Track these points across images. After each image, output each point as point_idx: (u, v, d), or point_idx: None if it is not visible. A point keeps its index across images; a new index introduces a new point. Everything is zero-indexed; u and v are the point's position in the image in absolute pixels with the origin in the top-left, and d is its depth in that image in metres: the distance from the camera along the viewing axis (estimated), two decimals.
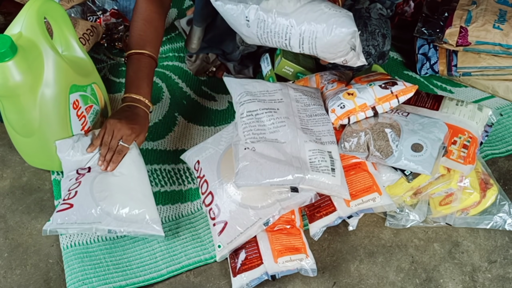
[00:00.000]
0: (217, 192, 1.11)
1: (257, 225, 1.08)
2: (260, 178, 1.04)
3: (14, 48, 1.05)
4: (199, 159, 1.20)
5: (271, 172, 1.05)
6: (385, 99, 1.14)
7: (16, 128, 1.21)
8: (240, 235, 1.08)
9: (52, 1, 1.16)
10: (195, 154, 1.22)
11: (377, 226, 1.21)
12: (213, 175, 1.14)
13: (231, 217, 1.09)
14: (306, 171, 1.05)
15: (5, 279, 1.13)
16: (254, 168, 1.05)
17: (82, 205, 1.09)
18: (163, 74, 1.61)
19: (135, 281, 1.11)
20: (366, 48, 1.35)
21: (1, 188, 1.30)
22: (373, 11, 1.40)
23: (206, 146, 1.21)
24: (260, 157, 1.07)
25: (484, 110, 1.19)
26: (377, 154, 1.09)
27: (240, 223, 1.08)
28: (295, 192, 1.07)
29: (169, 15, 1.80)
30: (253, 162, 1.06)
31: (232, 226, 1.08)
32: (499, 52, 1.45)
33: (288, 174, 1.05)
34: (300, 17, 1.11)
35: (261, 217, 1.08)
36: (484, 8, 1.50)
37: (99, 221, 1.09)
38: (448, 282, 1.12)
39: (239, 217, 1.08)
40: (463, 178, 1.14)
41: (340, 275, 1.13)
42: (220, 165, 1.15)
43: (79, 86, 1.20)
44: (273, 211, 1.08)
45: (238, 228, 1.08)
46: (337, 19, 1.09)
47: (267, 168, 1.05)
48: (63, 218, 1.08)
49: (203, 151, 1.21)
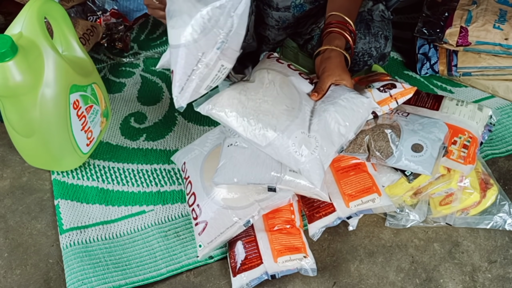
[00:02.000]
0: (199, 193, 1.13)
1: (237, 225, 1.09)
2: (237, 176, 1.05)
3: (15, 48, 1.05)
4: (185, 161, 1.21)
5: (248, 171, 1.05)
6: (384, 102, 1.13)
7: (16, 128, 1.21)
8: (220, 235, 1.09)
9: (52, 1, 1.16)
10: (183, 156, 1.23)
11: (377, 226, 1.21)
12: (196, 175, 1.15)
13: (211, 217, 1.10)
14: (284, 172, 1.06)
15: (5, 279, 1.13)
16: (232, 167, 1.06)
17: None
18: (163, 74, 1.61)
19: (135, 280, 1.11)
20: (368, 50, 1.35)
21: (1, 188, 1.30)
22: (375, 13, 1.40)
23: (192, 147, 1.22)
24: (240, 154, 1.07)
25: (484, 110, 1.19)
26: (378, 155, 1.09)
27: (220, 223, 1.09)
28: (272, 191, 1.08)
29: None
30: (232, 160, 1.07)
31: (213, 226, 1.09)
32: (499, 52, 1.45)
33: (265, 174, 1.06)
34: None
35: (241, 217, 1.09)
36: (484, 8, 1.50)
37: None
38: (448, 282, 1.12)
39: (219, 218, 1.09)
40: (463, 178, 1.14)
41: (340, 275, 1.13)
42: (204, 166, 1.16)
43: (79, 86, 1.20)
44: (252, 212, 1.09)
45: (218, 229, 1.09)
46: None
47: (245, 167, 1.06)
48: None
49: (189, 152, 1.22)
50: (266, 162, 1.06)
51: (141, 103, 1.52)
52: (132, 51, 1.68)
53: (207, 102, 1.09)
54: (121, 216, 1.24)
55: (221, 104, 1.08)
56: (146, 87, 1.57)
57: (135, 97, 1.54)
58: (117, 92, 1.55)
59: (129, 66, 1.64)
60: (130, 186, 1.30)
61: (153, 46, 1.71)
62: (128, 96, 1.54)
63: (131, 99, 1.53)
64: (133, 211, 1.25)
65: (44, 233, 1.21)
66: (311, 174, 1.03)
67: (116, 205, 1.26)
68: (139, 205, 1.26)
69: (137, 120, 1.47)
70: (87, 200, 1.26)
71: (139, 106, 1.51)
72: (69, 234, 1.18)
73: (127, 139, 1.42)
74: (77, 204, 1.25)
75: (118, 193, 1.28)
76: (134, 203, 1.26)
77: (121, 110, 1.50)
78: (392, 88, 1.14)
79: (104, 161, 1.36)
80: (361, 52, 1.35)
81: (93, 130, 1.29)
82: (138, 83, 1.58)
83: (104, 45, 1.65)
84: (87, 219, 1.22)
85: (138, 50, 1.69)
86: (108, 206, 1.26)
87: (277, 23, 1.38)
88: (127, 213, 1.24)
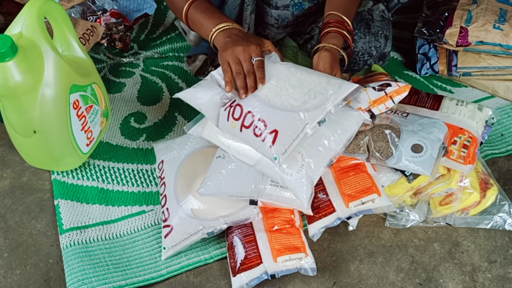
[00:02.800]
0: (170, 197, 1.14)
1: (201, 233, 1.12)
2: (220, 189, 1.08)
3: (15, 48, 1.05)
4: (164, 159, 1.22)
5: (230, 184, 1.08)
6: (379, 101, 1.13)
7: (16, 128, 1.21)
8: (184, 240, 1.12)
9: (52, 1, 1.16)
10: (162, 152, 1.24)
11: (377, 226, 1.21)
12: (170, 179, 1.16)
13: (177, 223, 1.11)
14: (265, 185, 1.08)
15: (5, 279, 1.13)
16: (216, 179, 1.08)
17: None
18: (163, 74, 1.61)
19: (135, 281, 1.11)
20: (368, 49, 1.35)
21: (1, 188, 1.30)
22: (375, 13, 1.40)
23: (172, 146, 1.23)
24: (225, 167, 1.09)
25: (484, 110, 1.19)
26: (378, 156, 1.09)
27: (185, 230, 1.11)
28: (254, 204, 1.10)
29: (169, 15, 1.80)
30: (217, 172, 1.09)
31: (177, 231, 1.11)
32: (499, 52, 1.45)
33: (247, 187, 1.08)
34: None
35: (205, 227, 1.11)
36: (484, 7, 1.50)
37: None
38: (448, 282, 1.12)
39: (185, 225, 1.11)
40: (463, 178, 1.14)
41: (340, 275, 1.13)
42: (179, 170, 1.17)
43: (79, 86, 1.20)
44: (217, 225, 1.11)
45: (183, 234, 1.11)
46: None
47: (228, 180, 1.08)
48: None
49: (169, 150, 1.22)
50: (248, 175, 1.09)
51: (141, 103, 1.52)
52: (132, 51, 1.68)
53: (198, 125, 1.13)
54: (121, 216, 1.24)
55: (210, 125, 1.11)
56: (146, 87, 1.57)
57: (135, 97, 1.54)
58: (117, 92, 1.55)
59: (129, 66, 1.64)
60: (130, 186, 1.30)
61: (153, 46, 1.71)
62: (128, 96, 1.54)
63: (131, 99, 1.53)
64: (133, 211, 1.25)
65: (44, 233, 1.21)
66: (297, 192, 1.05)
67: (116, 205, 1.26)
68: (139, 205, 1.26)
69: (137, 120, 1.47)
70: (87, 200, 1.26)
71: (139, 106, 1.51)
72: (69, 234, 1.18)
73: (127, 139, 1.42)
74: (77, 204, 1.25)
75: (118, 193, 1.28)
76: (134, 203, 1.26)
77: (121, 110, 1.50)
78: (388, 87, 1.14)
79: (104, 161, 1.36)
80: (361, 51, 1.35)
81: (93, 130, 1.29)
82: (138, 83, 1.58)
83: (104, 45, 1.65)
84: (87, 219, 1.22)
85: (138, 50, 1.69)
86: (108, 206, 1.26)
87: (276, 21, 1.38)
88: (127, 213, 1.24)
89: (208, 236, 1.12)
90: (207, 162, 1.14)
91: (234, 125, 1.04)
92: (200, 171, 1.14)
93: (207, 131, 1.12)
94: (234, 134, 1.05)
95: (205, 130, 1.12)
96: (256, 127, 1.01)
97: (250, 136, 1.02)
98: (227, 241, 1.13)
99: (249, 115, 1.02)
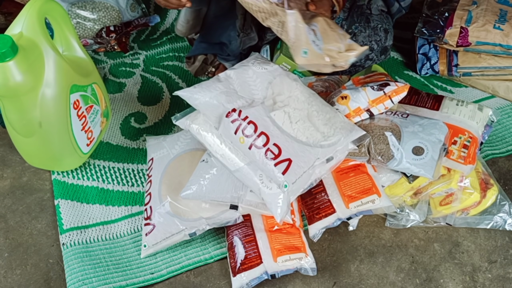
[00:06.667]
0: (154, 195, 1.14)
1: (182, 233, 1.12)
2: (201, 193, 1.08)
3: (15, 48, 1.05)
4: (154, 157, 1.22)
5: (212, 189, 1.09)
6: (378, 101, 1.13)
7: (16, 128, 1.21)
8: (165, 239, 1.12)
9: (52, 1, 1.16)
10: (153, 149, 1.23)
11: (377, 226, 1.21)
12: (157, 178, 1.17)
13: (159, 222, 1.12)
14: (245, 191, 1.08)
15: (5, 279, 1.13)
16: (198, 183, 1.09)
17: None
18: (163, 74, 1.61)
19: (135, 281, 1.11)
20: (369, 43, 1.35)
21: (1, 188, 1.30)
22: (373, 7, 1.40)
23: (163, 144, 1.23)
24: (207, 172, 1.10)
25: (484, 110, 1.19)
26: (379, 158, 1.09)
27: (167, 229, 1.11)
28: (234, 209, 1.10)
29: (168, 15, 1.80)
30: (199, 177, 1.10)
31: (160, 230, 1.11)
32: (499, 53, 1.45)
33: (227, 192, 1.08)
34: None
35: (187, 227, 1.11)
36: (484, 8, 1.50)
37: None
38: (448, 282, 1.12)
39: (167, 224, 1.11)
40: (464, 178, 1.14)
41: (340, 275, 1.13)
42: (166, 170, 1.17)
43: (79, 86, 1.20)
44: (199, 226, 1.11)
45: (164, 234, 1.11)
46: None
47: (210, 184, 1.09)
48: None
49: (159, 148, 1.22)
50: (229, 181, 1.09)
51: (141, 103, 1.52)
52: (132, 51, 1.68)
53: (186, 117, 1.13)
54: (121, 216, 1.24)
55: (198, 122, 1.10)
56: (146, 87, 1.57)
57: (135, 97, 1.54)
58: (117, 92, 1.55)
59: (129, 66, 1.64)
60: (130, 186, 1.30)
61: (153, 46, 1.71)
62: (128, 96, 1.54)
63: (131, 99, 1.53)
64: (133, 211, 1.25)
65: (44, 233, 1.21)
66: (272, 207, 1.05)
67: (116, 205, 1.26)
68: (139, 205, 1.26)
69: (137, 120, 1.47)
70: (87, 200, 1.26)
71: (139, 106, 1.51)
72: (69, 234, 1.18)
73: (127, 139, 1.42)
74: (77, 204, 1.25)
75: (118, 193, 1.28)
76: (134, 203, 1.26)
77: (121, 110, 1.50)
78: (386, 86, 1.15)
79: (104, 161, 1.36)
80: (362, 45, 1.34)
81: (93, 130, 1.29)
82: (138, 83, 1.58)
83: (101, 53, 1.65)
84: (87, 219, 1.22)
85: (138, 50, 1.69)
86: (108, 206, 1.26)
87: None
88: (127, 213, 1.24)
89: (190, 237, 1.12)
90: (193, 165, 1.15)
91: (242, 140, 1.04)
92: (186, 173, 1.14)
93: (195, 126, 1.11)
94: (240, 149, 1.05)
95: (194, 125, 1.11)
96: (270, 150, 1.02)
97: (259, 156, 1.02)
98: (227, 241, 1.13)
99: (262, 137, 1.03)
